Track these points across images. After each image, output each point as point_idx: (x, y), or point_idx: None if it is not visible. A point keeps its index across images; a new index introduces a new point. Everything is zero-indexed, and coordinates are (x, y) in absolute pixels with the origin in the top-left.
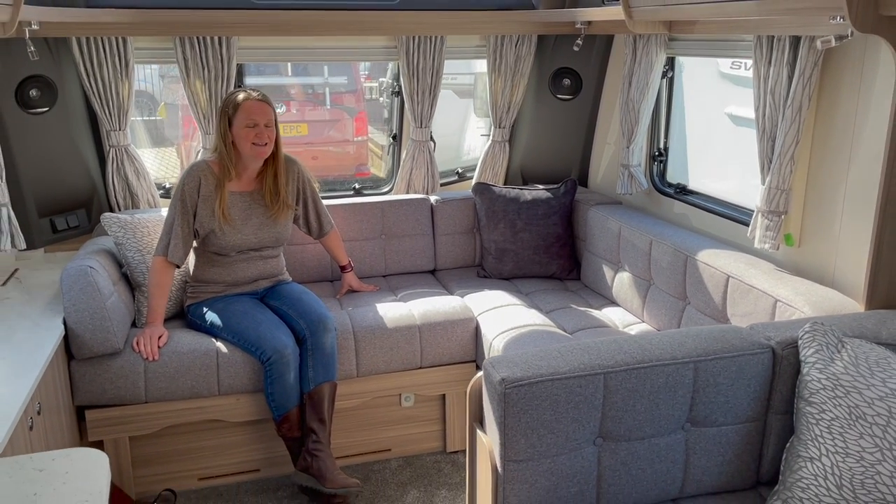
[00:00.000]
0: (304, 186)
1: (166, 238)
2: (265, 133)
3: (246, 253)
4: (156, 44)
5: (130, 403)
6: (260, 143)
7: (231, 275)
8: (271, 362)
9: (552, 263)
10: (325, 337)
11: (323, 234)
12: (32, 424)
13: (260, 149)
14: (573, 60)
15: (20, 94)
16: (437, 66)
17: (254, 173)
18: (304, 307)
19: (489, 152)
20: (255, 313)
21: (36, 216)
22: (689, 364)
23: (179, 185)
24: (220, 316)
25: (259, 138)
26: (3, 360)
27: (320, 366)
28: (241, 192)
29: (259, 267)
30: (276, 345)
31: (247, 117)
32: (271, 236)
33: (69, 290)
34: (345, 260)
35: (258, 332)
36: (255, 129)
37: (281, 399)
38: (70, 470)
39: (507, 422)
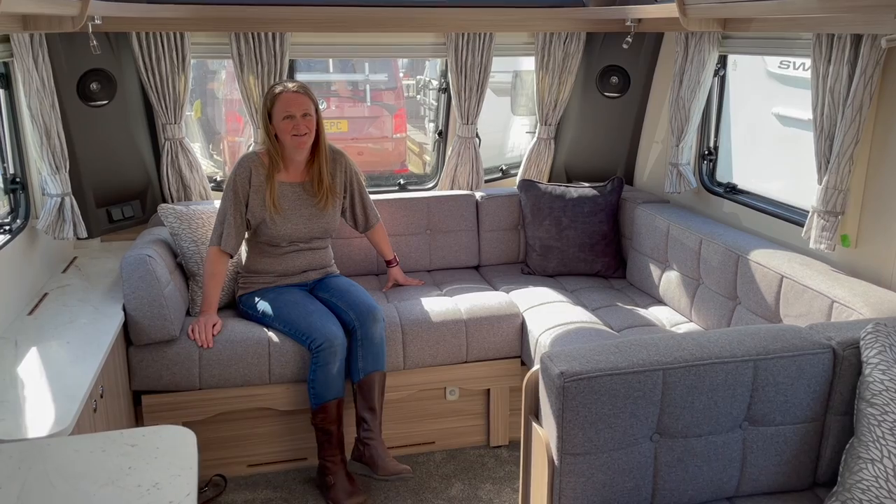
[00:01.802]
0: (350, 178)
1: (220, 228)
2: (303, 123)
3: (296, 244)
4: (212, 39)
5: (185, 390)
6: (299, 134)
7: (281, 265)
8: (320, 349)
9: (597, 261)
10: (375, 328)
11: (369, 227)
12: (97, 407)
13: (300, 139)
14: (621, 58)
15: (81, 87)
16: (485, 62)
17: (301, 164)
18: (352, 298)
19: (534, 149)
20: (305, 303)
21: (94, 206)
22: (748, 362)
23: (231, 176)
24: (271, 305)
25: (297, 129)
26: (69, 343)
27: (370, 356)
28: (290, 182)
29: (308, 258)
30: (326, 333)
31: (284, 109)
32: (320, 227)
33: (129, 278)
34: (390, 254)
35: (309, 321)
36: (293, 120)
37: (322, 388)
38: (160, 446)
39: (565, 415)
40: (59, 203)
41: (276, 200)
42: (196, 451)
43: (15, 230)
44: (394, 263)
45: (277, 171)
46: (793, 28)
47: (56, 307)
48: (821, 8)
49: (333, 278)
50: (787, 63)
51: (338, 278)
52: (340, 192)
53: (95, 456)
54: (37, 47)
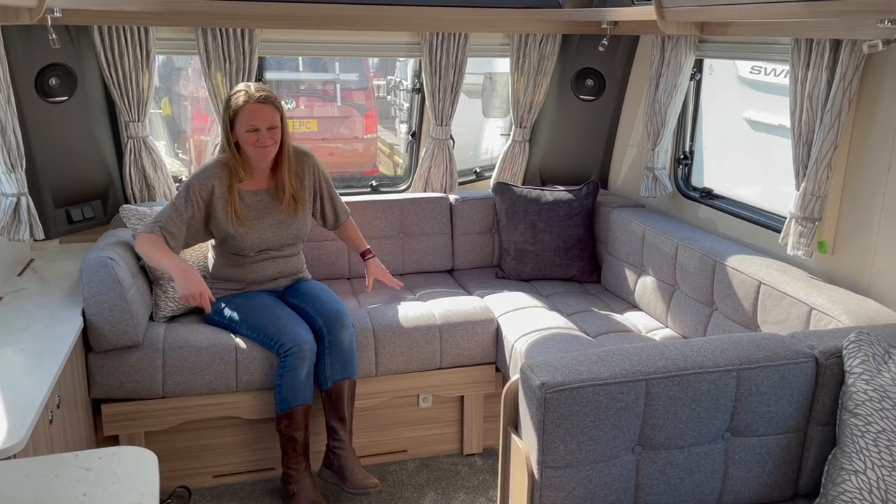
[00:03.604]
0: (318, 178)
1: (155, 221)
2: (268, 136)
3: (265, 252)
4: (177, 34)
5: (147, 398)
6: (262, 146)
7: (251, 274)
8: (288, 353)
9: (572, 266)
10: (343, 333)
11: (339, 224)
12: (52, 418)
13: (263, 150)
14: (597, 61)
15: (39, 82)
16: (460, 63)
17: (266, 170)
18: (321, 303)
19: (509, 152)
20: (274, 308)
21: (52, 206)
22: (732, 372)
23: (189, 182)
24: (238, 311)
25: (262, 142)
26: (24, 351)
27: (338, 363)
28: (255, 190)
29: (279, 265)
30: (295, 337)
31: (248, 121)
32: (290, 233)
33: (89, 282)
34: (364, 245)
35: (277, 325)
36: (257, 133)
37: (288, 394)
38: (118, 469)
39: (546, 427)
40: (14, 203)
41: (237, 211)
42: (157, 475)
43: None
44: (369, 254)
45: (239, 181)
46: (771, 32)
47: (10, 312)
48: (804, 12)
49: (304, 283)
50: (759, 68)
51: (308, 283)
52: (310, 196)
53: (47, 481)
54: None
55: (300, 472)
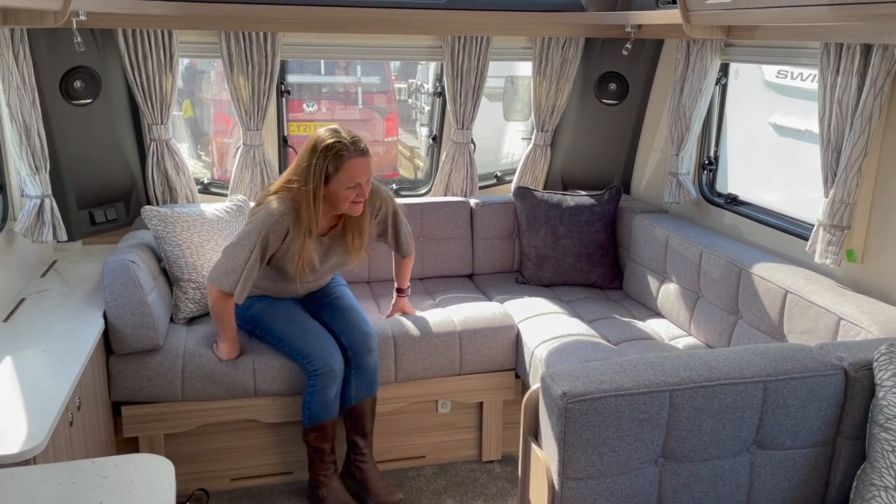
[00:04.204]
0: (387, 215)
1: (235, 275)
2: (366, 190)
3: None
4: (200, 38)
5: (167, 401)
6: (359, 202)
7: (284, 289)
8: (318, 374)
9: (594, 271)
10: (369, 357)
11: (398, 255)
12: (73, 420)
13: (357, 206)
14: (620, 64)
15: (64, 85)
16: (482, 67)
17: (331, 217)
18: (347, 324)
19: (530, 156)
20: (302, 320)
21: (76, 208)
22: (758, 384)
23: (263, 229)
24: (262, 317)
25: (360, 197)
26: (46, 352)
27: (363, 384)
28: (318, 236)
29: (312, 286)
30: (326, 358)
31: (352, 178)
32: (340, 267)
33: (111, 284)
34: (406, 283)
35: (306, 340)
36: (357, 189)
37: (318, 411)
38: (135, 478)
39: (567, 438)
40: (38, 205)
41: (306, 264)
42: (174, 483)
43: None
44: (405, 293)
45: (309, 235)
46: (800, 36)
47: (33, 313)
48: (833, 16)
49: (328, 286)
50: (785, 72)
51: (332, 288)
52: (375, 231)
53: (63, 489)
54: (17, 43)
55: (329, 476)
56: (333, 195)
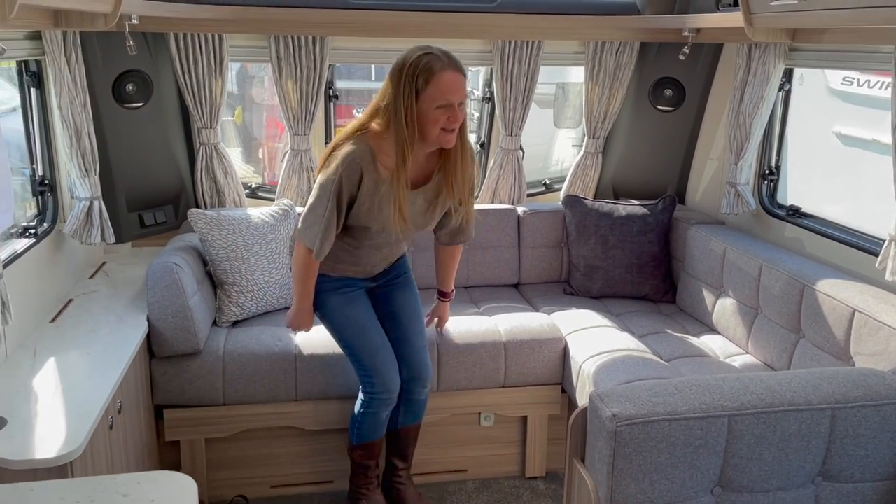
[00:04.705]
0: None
1: (315, 228)
2: (459, 115)
3: (379, 248)
4: (250, 42)
5: (208, 405)
6: (450, 129)
7: (352, 258)
8: (376, 396)
9: (645, 284)
10: (422, 391)
11: (454, 241)
12: (113, 424)
13: (449, 135)
14: (677, 70)
15: (117, 88)
16: (532, 72)
17: (420, 161)
18: (409, 348)
19: (580, 163)
20: (373, 334)
21: (125, 210)
22: (825, 411)
23: (335, 177)
24: (334, 315)
25: (451, 122)
26: (89, 354)
27: (411, 413)
28: (413, 182)
29: (385, 254)
30: (389, 384)
31: (442, 96)
32: (419, 229)
33: (154, 287)
34: (450, 286)
35: (374, 360)
36: (449, 110)
37: (368, 431)
38: (157, 497)
39: (616, 463)
40: (87, 207)
41: (403, 213)
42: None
43: (41, 234)
44: (448, 298)
45: (405, 172)
46: (872, 40)
47: (79, 315)
48: None
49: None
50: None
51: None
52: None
53: None
54: (70, 46)
55: (371, 490)
56: (422, 118)
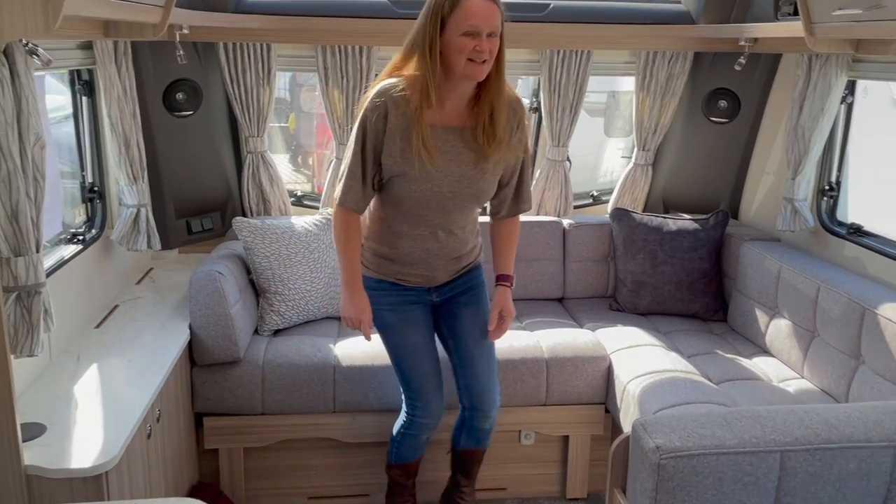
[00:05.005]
0: (518, 139)
1: (342, 181)
2: (486, 45)
3: (427, 216)
4: (297, 51)
5: (247, 414)
6: (478, 60)
7: (401, 249)
8: (418, 420)
9: (695, 301)
10: (485, 421)
11: (511, 213)
12: (151, 432)
13: (476, 67)
14: (732, 80)
15: (167, 96)
16: (581, 82)
17: (461, 102)
18: (471, 377)
19: (630, 176)
20: (424, 359)
21: (174, 217)
22: (888, 449)
23: (360, 117)
24: (388, 334)
25: (478, 52)
26: (131, 362)
27: (473, 438)
28: (442, 126)
29: (440, 240)
30: (434, 410)
31: (467, 19)
32: (471, 191)
33: (196, 295)
34: (509, 267)
35: (422, 384)
36: (476, 39)
37: (406, 451)
38: None
39: (658, 497)
40: (134, 214)
41: (426, 142)
42: None
43: (89, 240)
44: (507, 282)
45: (428, 106)
46: None
47: (124, 321)
48: None
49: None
50: None
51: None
52: (520, 154)
53: None
54: (120, 55)
55: None
56: (448, 48)
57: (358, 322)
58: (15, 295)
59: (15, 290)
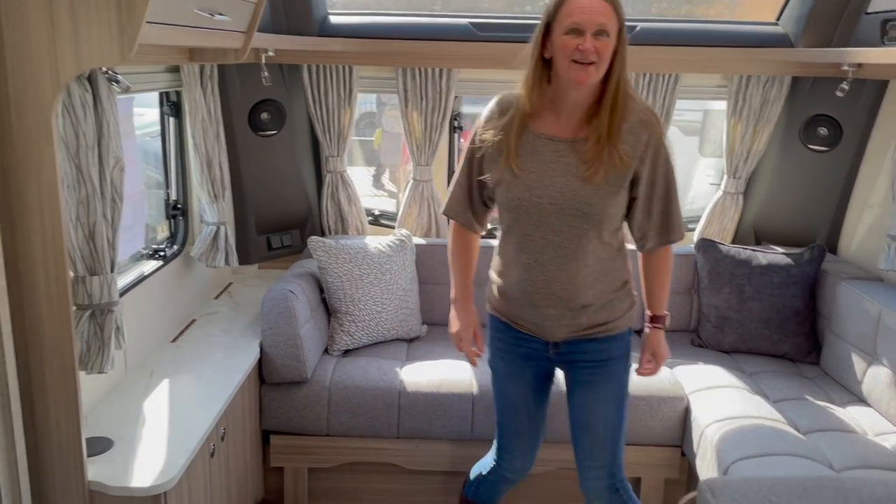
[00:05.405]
0: (654, 157)
1: (450, 194)
2: (593, 45)
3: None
4: (379, 73)
5: (312, 434)
6: (583, 61)
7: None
8: (502, 472)
9: (785, 342)
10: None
11: (655, 244)
12: (214, 451)
13: (580, 70)
14: (833, 107)
15: (252, 116)
16: (668, 105)
17: (577, 111)
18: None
19: (718, 204)
20: (520, 420)
21: (255, 233)
22: None
23: (473, 130)
24: (495, 379)
25: (583, 52)
26: (200, 378)
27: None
28: (550, 135)
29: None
30: (519, 467)
31: (569, 17)
32: (576, 205)
33: (268, 314)
34: (661, 307)
35: (510, 442)
36: (579, 38)
37: (484, 493)
38: None
39: None
40: (214, 231)
41: (511, 148)
42: None
43: (169, 256)
44: (660, 324)
45: (529, 111)
46: None
47: (199, 336)
48: None
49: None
50: None
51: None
52: (631, 166)
53: None
54: (206, 78)
55: None
56: (554, 48)
57: (459, 340)
58: (89, 312)
59: (89, 308)
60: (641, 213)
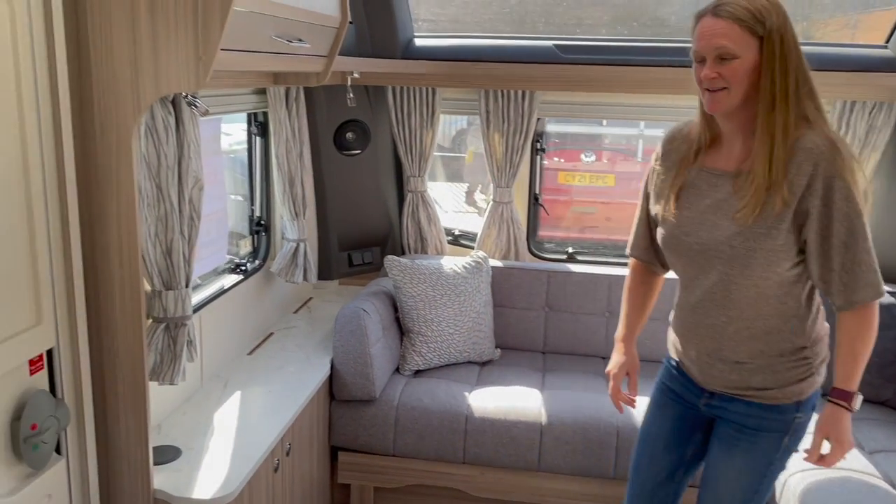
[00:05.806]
0: (822, 194)
1: (633, 225)
2: (713, 71)
3: (686, 273)
4: (461, 95)
5: (379, 453)
6: (711, 89)
7: (676, 310)
8: None
9: (886, 387)
10: None
11: (840, 303)
12: (278, 466)
13: (709, 98)
14: None
15: (337, 135)
16: None
17: (736, 142)
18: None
19: None
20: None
21: (337, 249)
22: None
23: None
24: (648, 405)
25: (708, 80)
26: (270, 392)
27: None
28: (710, 168)
29: (697, 315)
30: None
31: (693, 46)
32: (720, 246)
33: (340, 332)
34: (847, 378)
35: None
36: (702, 64)
37: None
38: None
39: None
40: (294, 248)
41: (671, 185)
42: None
43: (250, 270)
44: (842, 400)
45: (699, 148)
46: None
47: (274, 350)
48: None
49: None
50: None
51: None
52: (790, 203)
53: None
54: (292, 100)
55: None
56: None
57: (609, 379)
58: (163, 325)
59: (164, 321)
60: (817, 262)
